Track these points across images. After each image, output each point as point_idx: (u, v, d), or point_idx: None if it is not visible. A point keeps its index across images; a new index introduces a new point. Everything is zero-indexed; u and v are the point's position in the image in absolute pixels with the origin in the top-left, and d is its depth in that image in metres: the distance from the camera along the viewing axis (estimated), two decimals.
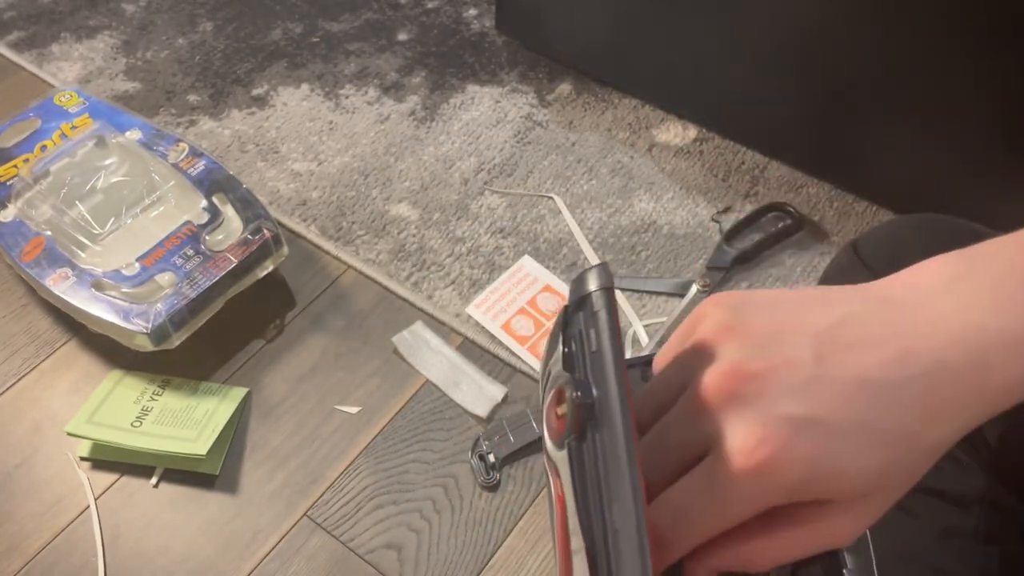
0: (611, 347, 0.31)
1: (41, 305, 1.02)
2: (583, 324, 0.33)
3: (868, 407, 0.29)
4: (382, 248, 1.09)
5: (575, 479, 0.30)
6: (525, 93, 1.28)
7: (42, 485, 0.89)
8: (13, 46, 1.34)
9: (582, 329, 0.33)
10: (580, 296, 0.33)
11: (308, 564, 0.84)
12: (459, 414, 0.94)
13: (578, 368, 0.33)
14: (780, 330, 0.30)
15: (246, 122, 1.24)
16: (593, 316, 0.32)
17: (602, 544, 0.28)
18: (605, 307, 0.32)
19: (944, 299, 0.31)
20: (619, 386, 0.30)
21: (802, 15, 1.02)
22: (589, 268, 0.33)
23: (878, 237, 0.62)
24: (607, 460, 0.29)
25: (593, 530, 0.29)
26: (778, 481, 0.29)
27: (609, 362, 0.30)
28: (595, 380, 0.31)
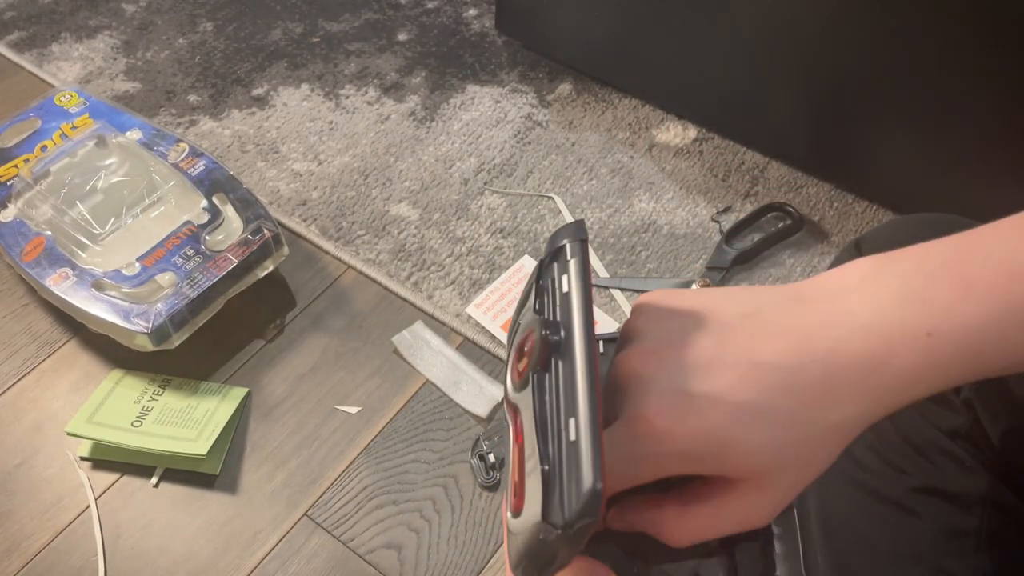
0: (580, 287, 0.32)
1: (41, 305, 1.02)
2: (556, 273, 0.34)
3: (762, 389, 0.31)
4: (382, 248, 1.09)
5: (535, 406, 0.32)
6: (525, 93, 1.28)
7: (42, 485, 0.89)
8: (13, 46, 1.34)
9: (555, 277, 0.34)
10: (554, 248, 0.35)
11: (308, 564, 0.84)
12: (459, 414, 0.95)
13: (547, 311, 0.34)
14: (693, 319, 0.33)
15: (246, 122, 1.24)
16: (565, 263, 0.34)
17: (557, 459, 0.29)
18: (578, 254, 0.33)
19: (853, 295, 0.33)
20: (585, 320, 0.31)
21: (802, 15, 1.02)
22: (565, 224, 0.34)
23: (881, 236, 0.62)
24: (567, 383, 0.30)
25: (549, 449, 0.30)
26: (671, 448, 0.31)
27: (577, 300, 0.32)
28: (563, 319, 0.32)
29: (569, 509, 0.28)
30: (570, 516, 0.28)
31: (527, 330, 0.34)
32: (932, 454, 0.55)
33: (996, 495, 0.54)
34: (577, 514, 0.28)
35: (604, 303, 1.03)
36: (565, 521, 0.28)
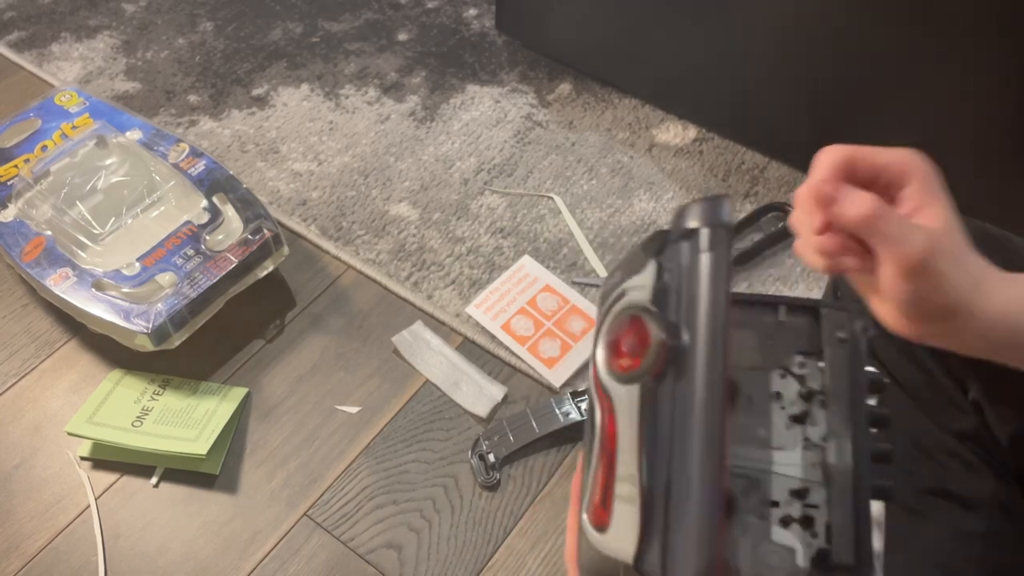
0: (713, 295, 0.28)
1: (41, 305, 1.02)
2: (686, 259, 0.30)
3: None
4: (382, 248, 1.09)
5: (643, 424, 0.28)
6: (525, 93, 1.28)
7: (42, 485, 0.89)
8: (13, 46, 1.34)
9: (683, 264, 0.30)
10: (688, 228, 0.30)
11: (308, 564, 0.84)
12: (459, 414, 0.94)
13: (670, 306, 0.30)
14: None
15: (246, 122, 1.24)
16: (697, 255, 0.29)
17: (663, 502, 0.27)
18: (717, 248, 0.29)
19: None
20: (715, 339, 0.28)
21: (802, 16, 1.02)
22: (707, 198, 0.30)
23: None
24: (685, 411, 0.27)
25: (655, 483, 0.27)
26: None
27: (706, 311, 0.28)
28: (688, 324, 0.29)
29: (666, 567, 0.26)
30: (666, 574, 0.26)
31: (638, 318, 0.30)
32: (940, 456, 0.55)
33: (1003, 496, 0.54)
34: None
35: None
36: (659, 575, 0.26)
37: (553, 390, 0.96)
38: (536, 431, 0.91)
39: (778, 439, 0.31)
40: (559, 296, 1.03)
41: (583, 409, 0.92)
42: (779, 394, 0.32)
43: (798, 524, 0.30)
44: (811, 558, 0.30)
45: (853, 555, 0.29)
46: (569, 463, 0.91)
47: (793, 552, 0.30)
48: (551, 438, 0.92)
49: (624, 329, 0.31)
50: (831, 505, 0.30)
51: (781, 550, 0.30)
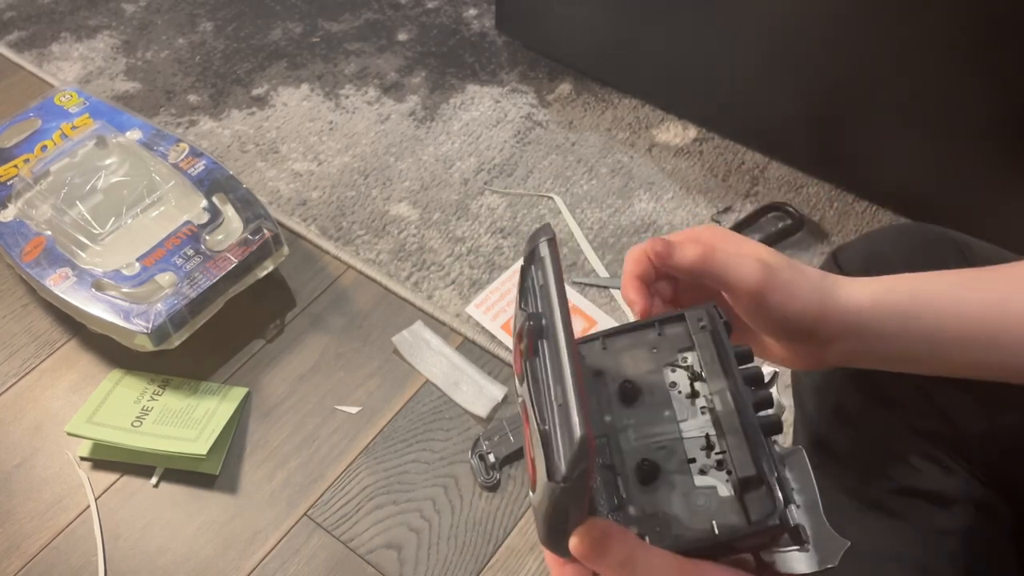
0: (553, 277, 0.37)
1: (41, 305, 1.02)
2: (533, 272, 0.39)
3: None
4: (382, 248, 1.09)
5: (531, 388, 0.35)
6: (525, 93, 1.28)
7: (42, 485, 0.89)
8: (13, 46, 1.34)
9: (533, 276, 0.39)
10: (530, 251, 0.39)
11: (308, 564, 0.84)
12: (459, 414, 0.94)
13: (531, 306, 0.38)
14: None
15: (246, 122, 1.24)
16: (540, 260, 0.38)
17: (552, 424, 0.33)
18: (548, 252, 0.38)
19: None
20: (560, 302, 0.35)
21: (802, 16, 1.02)
22: (535, 229, 0.40)
23: (856, 249, 0.63)
24: (552, 357, 0.34)
25: (545, 417, 0.34)
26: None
27: (552, 288, 0.36)
28: (543, 307, 0.37)
29: (565, 460, 0.31)
30: (567, 466, 0.31)
31: (519, 327, 0.38)
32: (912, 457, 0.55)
33: (977, 494, 0.54)
34: (571, 462, 0.31)
35: (604, 303, 1.03)
36: (564, 473, 0.31)
37: None
38: None
39: (681, 414, 0.39)
40: None
41: None
42: (674, 383, 0.40)
43: (714, 468, 0.37)
44: (731, 489, 0.36)
45: (752, 467, 0.36)
46: None
47: (715, 488, 0.37)
48: None
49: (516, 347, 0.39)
50: (726, 439, 0.37)
51: (706, 490, 0.37)
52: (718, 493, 0.36)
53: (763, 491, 0.35)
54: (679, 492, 0.37)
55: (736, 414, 0.38)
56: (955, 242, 0.59)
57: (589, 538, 0.33)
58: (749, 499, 0.36)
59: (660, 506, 0.36)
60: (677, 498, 0.37)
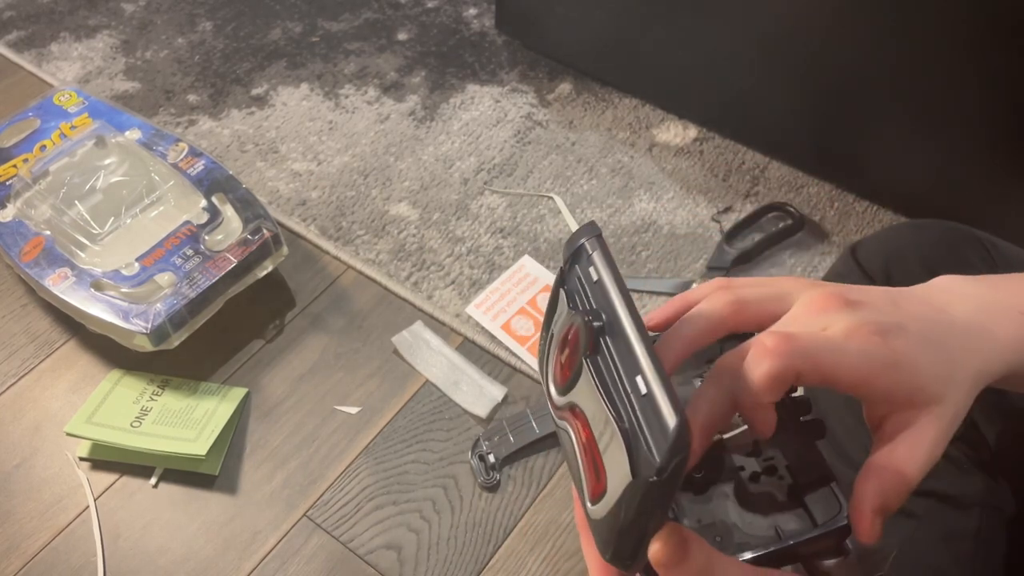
0: (609, 272, 0.34)
1: (41, 305, 1.02)
2: (580, 271, 0.36)
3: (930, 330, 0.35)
4: (382, 248, 1.09)
5: (599, 387, 0.32)
6: (525, 93, 1.28)
7: (42, 485, 0.89)
8: (13, 46, 1.33)
9: (580, 276, 0.36)
10: (573, 250, 0.37)
11: (308, 564, 0.84)
12: (459, 414, 0.94)
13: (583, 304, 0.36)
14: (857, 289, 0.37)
15: (246, 122, 1.24)
16: (589, 258, 0.36)
17: (633, 418, 0.30)
18: (599, 247, 0.36)
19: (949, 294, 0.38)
20: (623, 295, 0.33)
21: (803, 15, 1.02)
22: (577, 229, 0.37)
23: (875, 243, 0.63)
24: (624, 350, 0.32)
25: (622, 414, 0.31)
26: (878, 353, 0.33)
27: (610, 282, 0.34)
28: (600, 304, 0.34)
29: (660, 451, 0.28)
30: (663, 457, 0.28)
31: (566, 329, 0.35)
32: None
33: (993, 497, 0.54)
34: (669, 452, 0.28)
35: None
36: (659, 464, 0.28)
37: None
38: (536, 431, 0.91)
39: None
40: None
41: None
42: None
43: (765, 475, 0.36)
44: (787, 494, 0.35)
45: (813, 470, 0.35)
46: None
47: (771, 494, 0.35)
48: (551, 438, 0.92)
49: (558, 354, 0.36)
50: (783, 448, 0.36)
51: (763, 497, 0.35)
52: (775, 498, 0.35)
53: (826, 492, 0.35)
54: (733, 500, 0.36)
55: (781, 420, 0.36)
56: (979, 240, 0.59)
57: (672, 543, 0.30)
58: (812, 501, 0.35)
59: (717, 515, 0.35)
60: (733, 506, 0.35)
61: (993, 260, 0.58)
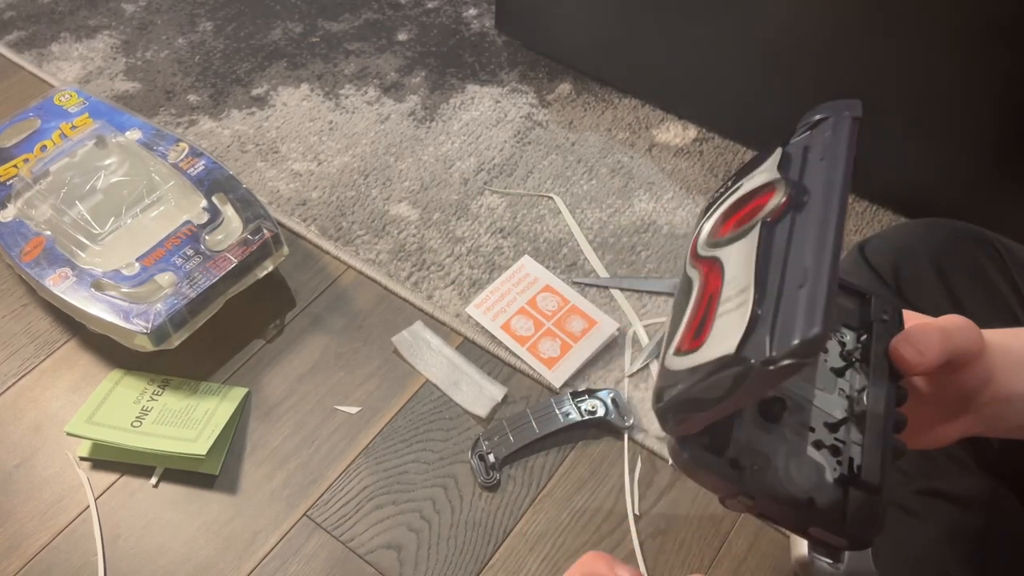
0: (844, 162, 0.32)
1: (41, 305, 1.02)
2: (811, 141, 0.34)
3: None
4: (382, 248, 1.09)
5: (758, 255, 0.31)
6: (525, 93, 1.28)
7: (42, 485, 0.89)
8: (13, 46, 1.34)
9: (808, 147, 0.34)
10: (816, 120, 0.35)
11: (308, 564, 0.84)
12: (459, 414, 0.94)
13: (793, 172, 0.34)
14: None
15: (246, 122, 1.24)
16: (830, 136, 0.33)
17: (774, 302, 0.29)
18: (847, 131, 0.33)
19: None
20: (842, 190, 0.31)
21: (803, 15, 1.02)
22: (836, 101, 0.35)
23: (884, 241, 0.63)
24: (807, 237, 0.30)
25: (765, 291, 0.30)
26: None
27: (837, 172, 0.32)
28: (810, 183, 0.33)
29: (781, 345, 0.28)
30: (780, 352, 0.27)
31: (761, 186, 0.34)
32: (935, 457, 0.55)
33: (997, 496, 0.54)
34: (789, 351, 0.27)
35: (604, 303, 1.03)
36: (768, 356, 0.27)
37: (553, 390, 0.96)
38: (536, 431, 0.91)
39: (820, 382, 0.37)
40: (559, 296, 1.03)
41: (583, 409, 0.92)
42: (826, 349, 0.38)
43: (828, 450, 0.36)
44: (835, 478, 0.35)
45: (878, 477, 0.35)
46: (569, 463, 0.91)
47: (824, 469, 0.35)
48: (551, 438, 0.92)
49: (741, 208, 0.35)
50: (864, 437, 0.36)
51: (813, 464, 0.35)
52: (824, 475, 0.35)
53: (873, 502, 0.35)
54: (788, 451, 0.36)
55: (883, 421, 0.36)
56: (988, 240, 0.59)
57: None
58: (853, 499, 0.35)
59: (767, 449, 0.35)
60: (783, 454, 0.35)
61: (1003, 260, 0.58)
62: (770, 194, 0.33)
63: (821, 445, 0.36)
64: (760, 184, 0.34)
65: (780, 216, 0.32)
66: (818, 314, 0.28)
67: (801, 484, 0.35)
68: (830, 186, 0.32)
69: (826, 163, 0.33)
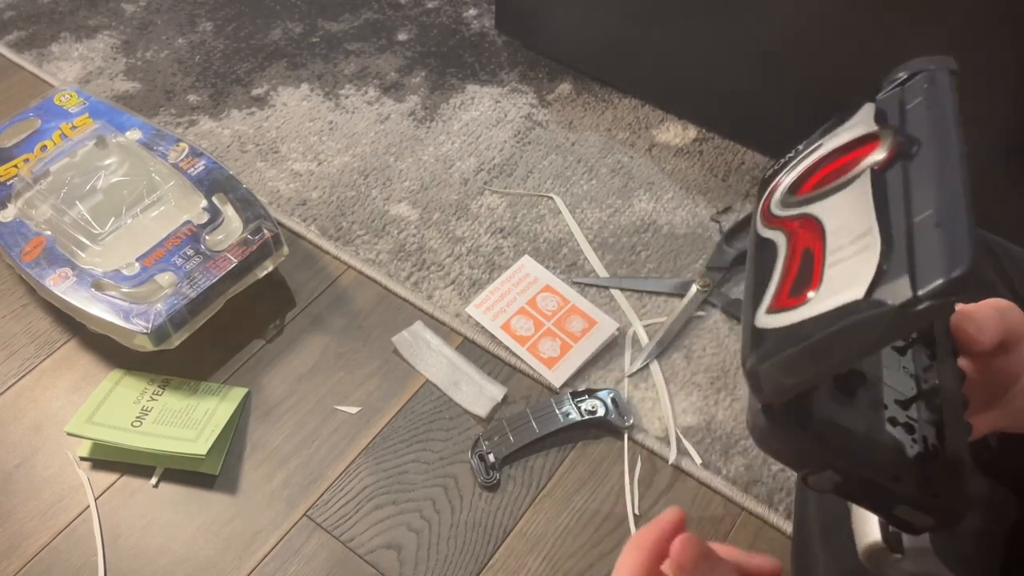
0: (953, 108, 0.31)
1: (41, 305, 1.02)
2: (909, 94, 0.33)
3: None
4: (382, 248, 1.09)
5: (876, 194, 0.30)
6: (525, 93, 1.28)
7: (42, 485, 0.89)
8: (13, 46, 1.34)
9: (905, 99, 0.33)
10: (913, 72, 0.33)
11: (308, 564, 0.84)
12: (459, 414, 0.94)
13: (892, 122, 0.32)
14: None
15: (246, 122, 1.24)
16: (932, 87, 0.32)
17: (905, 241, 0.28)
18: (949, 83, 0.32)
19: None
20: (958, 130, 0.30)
21: (802, 16, 1.02)
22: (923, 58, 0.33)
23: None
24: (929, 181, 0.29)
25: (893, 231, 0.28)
26: None
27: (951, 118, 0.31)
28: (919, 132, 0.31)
29: (924, 282, 0.26)
30: (926, 290, 0.25)
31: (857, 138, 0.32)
32: None
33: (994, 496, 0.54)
34: (937, 289, 0.25)
35: (604, 303, 1.03)
36: (913, 296, 0.26)
37: (553, 390, 0.96)
38: (536, 431, 0.91)
39: (885, 360, 0.37)
40: (559, 296, 1.03)
41: (583, 409, 0.92)
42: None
43: (903, 428, 0.35)
44: (914, 456, 0.34)
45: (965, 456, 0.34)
46: (569, 463, 0.91)
47: (903, 446, 0.34)
48: (551, 438, 0.92)
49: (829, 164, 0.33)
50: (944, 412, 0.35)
51: (893, 441, 0.34)
52: (905, 452, 0.34)
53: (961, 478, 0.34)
54: (868, 427, 0.34)
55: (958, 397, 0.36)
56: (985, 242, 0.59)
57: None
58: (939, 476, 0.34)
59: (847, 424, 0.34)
60: (864, 430, 0.34)
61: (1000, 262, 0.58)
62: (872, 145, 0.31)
63: (896, 422, 0.35)
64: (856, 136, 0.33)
65: (888, 165, 0.31)
66: (965, 250, 0.26)
67: (885, 458, 0.34)
68: (943, 131, 0.30)
69: (932, 113, 0.31)
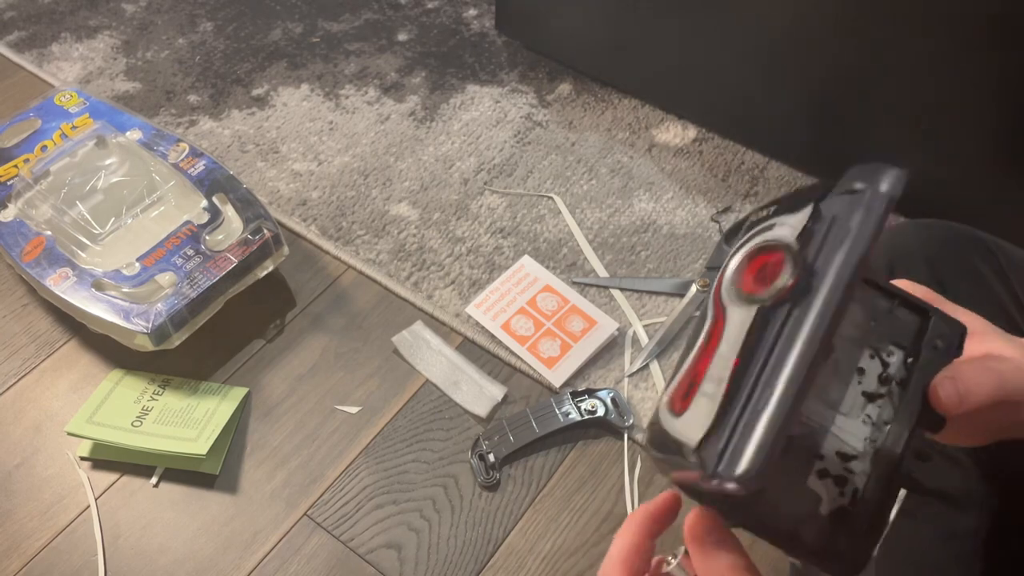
0: (850, 252, 0.30)
1: (41, 305, 1.02)
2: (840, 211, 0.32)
3: None
4: (382, 248, 1.09)
5: (747, 343, 0.30)
6: (525, 93, 1.28)
7: (42, 485, 0.89)
8: (13, 46, 1.34)
9: (836, 215, 0.32)
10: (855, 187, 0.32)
11: (308, 564, 0.84)
12: (459, 414, 0.95)
13: (812, 247, 0.31)
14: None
15: (246, 122, 1.24)
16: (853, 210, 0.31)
17: (740, 411, 0.29)
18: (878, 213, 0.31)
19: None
20: (836, 292, 0.30)
21: (802, 16, 1.02)
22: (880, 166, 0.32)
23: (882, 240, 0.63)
24: (787, 347, 0.29)
25: (741, 393, 0.29)
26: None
27: (840, 264, 0.30)
28: (820, 267, 0.30)
29: (724, 473, 0.28)
30: (721, 471, 0.28)
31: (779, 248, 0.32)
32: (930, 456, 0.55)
33: (991, 497, 0.54)
34: (724, 475, 0.27)
35: (604, 303, 1.03)
36: (712, 471, 0.28)
37: (553, 390, 0.96)
38: (536, 431, 0.91)
39: (845, 407, 0.35)
40: (559, 296, 1.03)
41: (583, 409, 0.92)
42: (862, 370, 0.35)
43: (832, 480, 0.34)
44: (831, 511, 0.34)
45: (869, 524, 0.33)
46: (569, 463, 0.91)
47: (819, 500, 0.34)
48: (551, 438, 0.92)
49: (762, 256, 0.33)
50: (869, 479, 0.34)
51: (810, 495, 0.34)
52: (819, 507, 0.34)
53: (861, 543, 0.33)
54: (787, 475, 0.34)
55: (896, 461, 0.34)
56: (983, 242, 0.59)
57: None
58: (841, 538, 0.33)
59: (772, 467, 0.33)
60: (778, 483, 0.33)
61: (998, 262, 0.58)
62: (780, 268, 0.31)
63: (826, 474, 0.34)
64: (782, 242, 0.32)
65: (777, 306, 0.30)
66: (760, 455, 0.27)
67: (790, 514, 0.34)
68: (835, 287, 0.30)
69: (840, 254, 0.30)
